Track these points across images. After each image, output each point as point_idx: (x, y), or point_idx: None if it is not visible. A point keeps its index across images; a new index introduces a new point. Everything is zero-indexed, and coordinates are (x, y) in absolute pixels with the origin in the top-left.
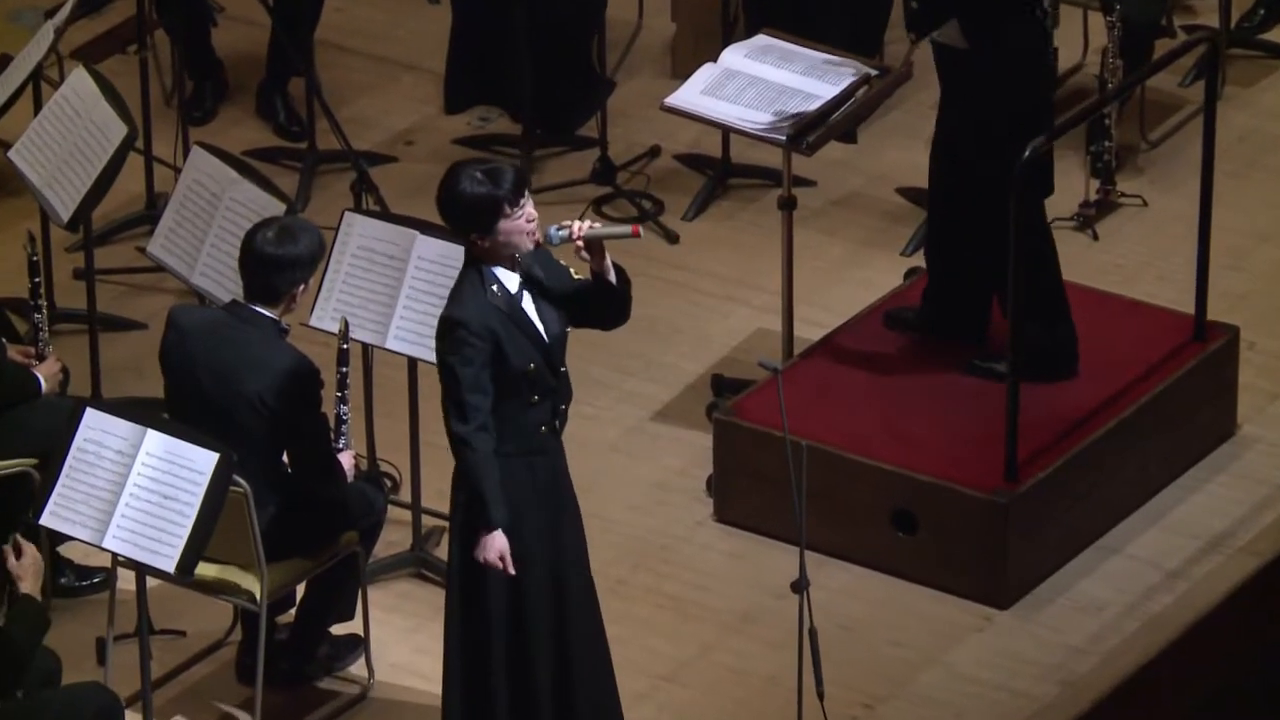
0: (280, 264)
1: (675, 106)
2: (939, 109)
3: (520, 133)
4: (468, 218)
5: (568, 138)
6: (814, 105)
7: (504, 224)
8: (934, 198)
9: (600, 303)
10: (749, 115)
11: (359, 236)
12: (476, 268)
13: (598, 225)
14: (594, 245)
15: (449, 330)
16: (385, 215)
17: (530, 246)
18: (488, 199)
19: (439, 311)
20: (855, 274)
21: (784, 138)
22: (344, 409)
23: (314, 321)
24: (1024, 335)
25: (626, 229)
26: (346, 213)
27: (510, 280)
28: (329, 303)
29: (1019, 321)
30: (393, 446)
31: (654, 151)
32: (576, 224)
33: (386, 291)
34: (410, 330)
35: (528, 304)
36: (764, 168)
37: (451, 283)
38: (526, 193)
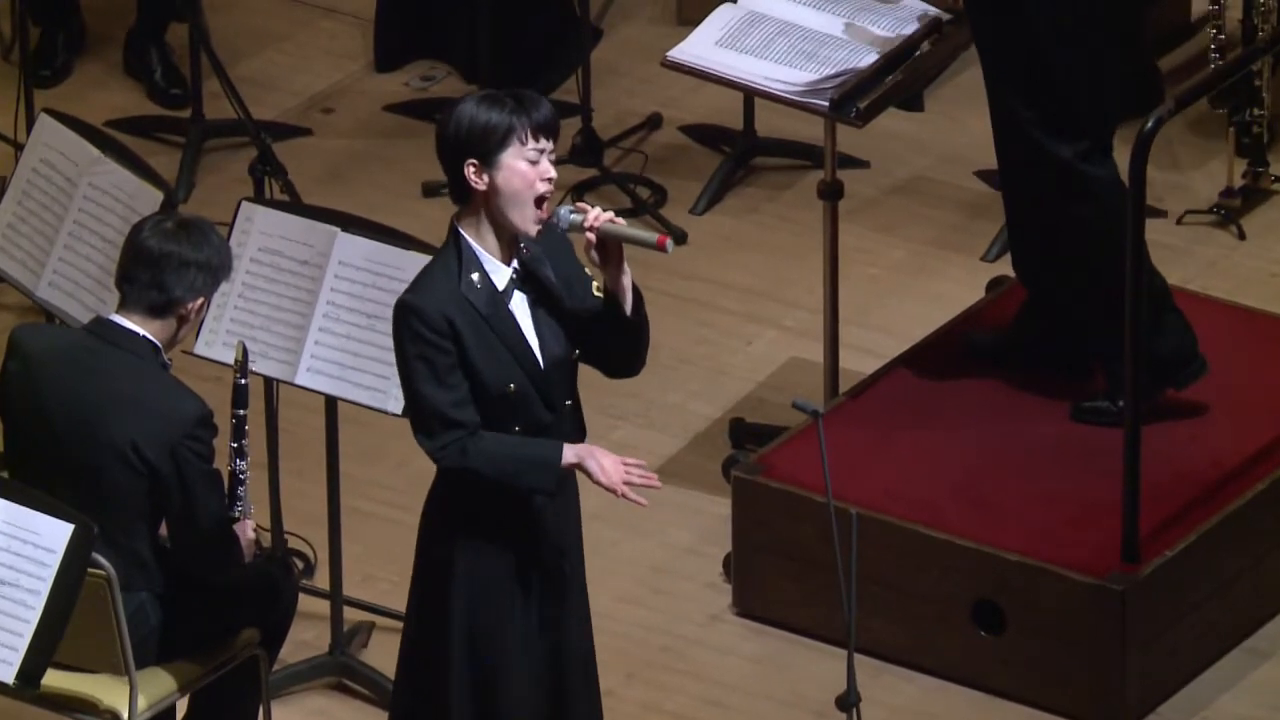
0: (179, 261)
1: (681, 62)
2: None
3: None
4: (468, 141)
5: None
6: (866, 60)
7: (509, 157)
8: (1003, 178)
9: (606, 335)
10: (780, 73)
11: (260, 234)
12: (457, 244)
13: (620, 221)
14: (610, 245)
15: (400, 318)
16: (295, 207)
17: (533, 219)
18: (500, 121)
19: (363, 335)
20: (922, 285)
21: (827, 103)
22: (241, 464)
23: (201, 349)
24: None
25: (652, 237)
26: (244, 203)
27: (498, 272)
28: (221, 323)
29: (1139, 344)
30: (305, 515)
31: (653, 122)
32: (595, 210)
33: (297, 308)
34: (328, 360)
35: (519, 307)
36: (799, 143)
37: (381, 295)
38: (553, 141)
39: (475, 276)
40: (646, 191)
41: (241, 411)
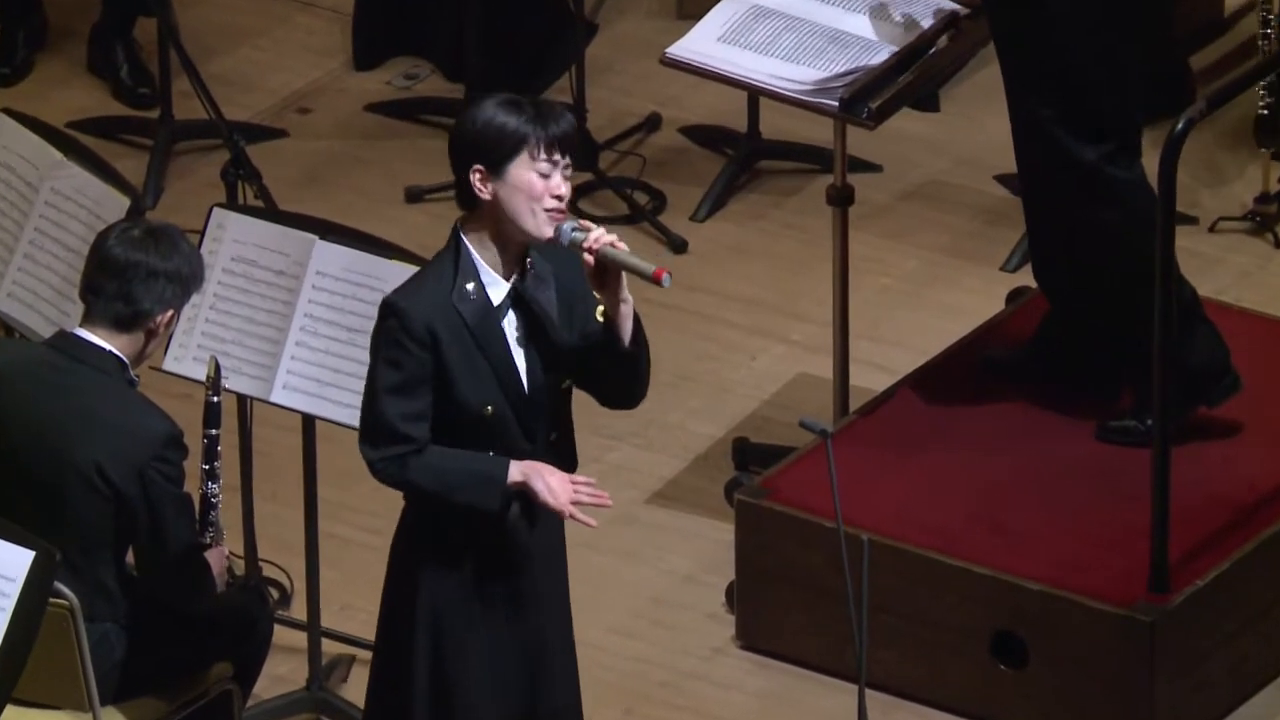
0: (147, 271)
1: (682, 59)
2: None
3: (462, 96)
4: (478, 145)
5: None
6: (878, 57)
7: (518, 167)
8: (1023, 181)
9: (602, 363)
10: (786, 71)
11: (233, 243)
12: (457, 249)
13: (622, 246)
14: (608, 269)
15: (381, 316)
16: (271, 213)
17: (546, 222)
18: (515, 128)
19: (342, 350)
20: (937, 296)
21: (836, 103)
22: (213, 487)
23: (170, 365)
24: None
25: (649, 268)
26: (216, 209)
27: (495, 285)
28: (191, 337)
29: (1168, 359)
30: (281, 542)
31: (652, 123)
32: (598, 231)
33: (272, 321)
34: (306, 376)
35: (512, 326)
36: (807, 146)
37: (361, 307)
38: (569, 156)
39: (470, 286)
40: (644, 197)
41: (213, 431)
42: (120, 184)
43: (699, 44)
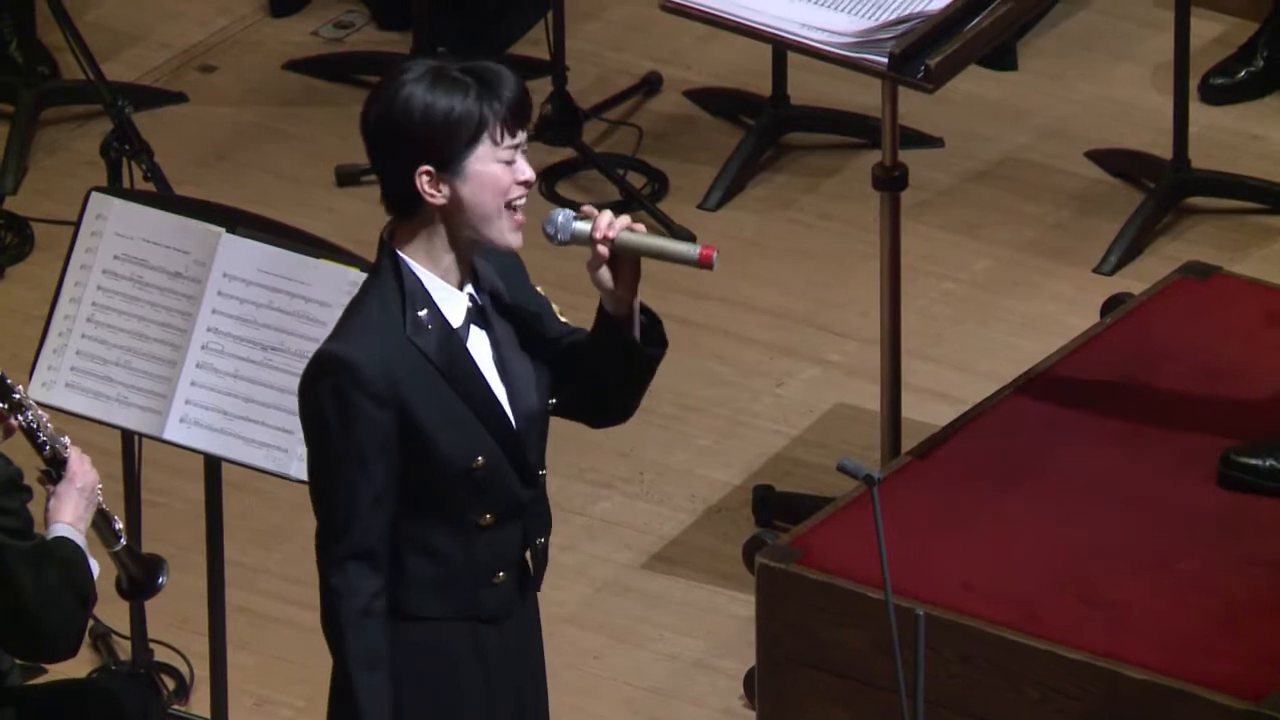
0: None
1: (688, 3)
2: None
3: (409, 50)
4: (421, 141)
5: (492, 60)
6: (938, 1)
7: (478, 161)
8: None
9: (596, 372)
10: (821, 18)
11: (117, 237)
12: (396, 271)
13: (640, 228)
14: (626, 261)
15: (320, 375)
16: (165, 199)
17: (511, 228)
18: (464, 111)
19: (255, 373)
20: (1014, 306)
21: (885, 59)
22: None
23: (38, 394)
24: None
25: (693, 250)
26: (94, 194)
27: (451, 301)
28: (63, 358)
29: None
30: (178, 618)
31: (649, 84)
32: (606, 216)
33: (166, 337)
34: (209, 407)
35: (479, 348)
36: (847, 114)
37: (280, 318)
38: (527, 130)
39: (424, 313)
40: (641, 179)
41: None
42: None
43: None
